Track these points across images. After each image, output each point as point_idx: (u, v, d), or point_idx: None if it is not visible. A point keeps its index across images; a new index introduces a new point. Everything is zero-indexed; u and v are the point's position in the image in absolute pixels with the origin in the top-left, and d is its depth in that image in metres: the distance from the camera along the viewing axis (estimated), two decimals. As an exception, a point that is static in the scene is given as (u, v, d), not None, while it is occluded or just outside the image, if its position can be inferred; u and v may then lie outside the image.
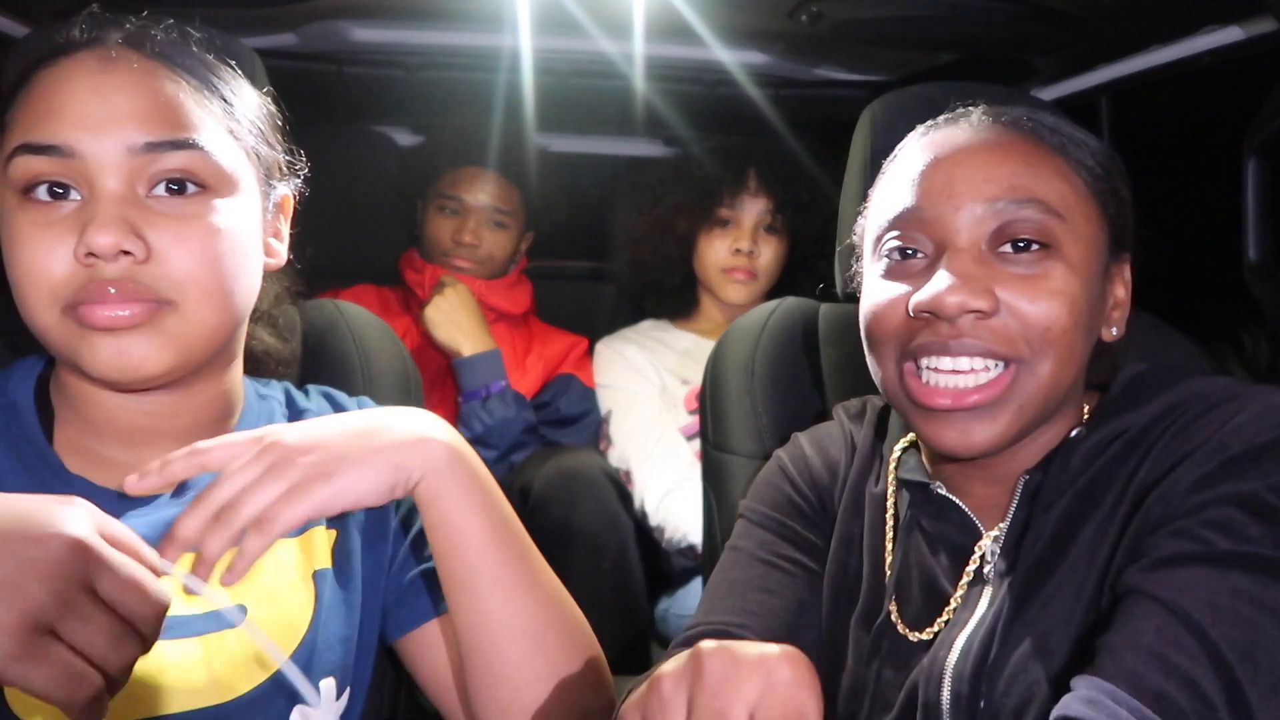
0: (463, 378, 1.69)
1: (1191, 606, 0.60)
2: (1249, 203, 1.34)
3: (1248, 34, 1.18)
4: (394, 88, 1.86)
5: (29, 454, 0.76)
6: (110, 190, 0.70)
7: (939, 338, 0.71)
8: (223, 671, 0.74)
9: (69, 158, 0.69)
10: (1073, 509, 0.72)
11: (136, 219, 0.70)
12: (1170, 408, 0.71)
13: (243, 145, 0.77)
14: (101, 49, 0.73)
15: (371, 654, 0.84)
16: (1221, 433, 0.66)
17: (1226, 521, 0.63)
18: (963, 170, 0.73)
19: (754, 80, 1.78)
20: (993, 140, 0.74)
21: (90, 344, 0.70)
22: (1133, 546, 0.67)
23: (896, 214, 0.75)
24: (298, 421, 0.76)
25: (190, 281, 0.72)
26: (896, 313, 0.74)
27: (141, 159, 0.70)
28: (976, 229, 0.71)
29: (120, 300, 0.69)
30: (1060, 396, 0.73)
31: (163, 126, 0.71)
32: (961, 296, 0.69)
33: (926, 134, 0.79)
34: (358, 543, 0.85)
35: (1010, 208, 0.71)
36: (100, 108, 0.70)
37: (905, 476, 0.82)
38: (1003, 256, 0.71)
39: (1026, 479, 0.75)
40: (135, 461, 0.78)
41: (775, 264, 1.80)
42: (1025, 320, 0.70)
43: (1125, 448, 0.72)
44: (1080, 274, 0.71)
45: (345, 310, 1.12)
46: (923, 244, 0.74)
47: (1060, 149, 0.74)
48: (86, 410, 0.77)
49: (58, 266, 0.69)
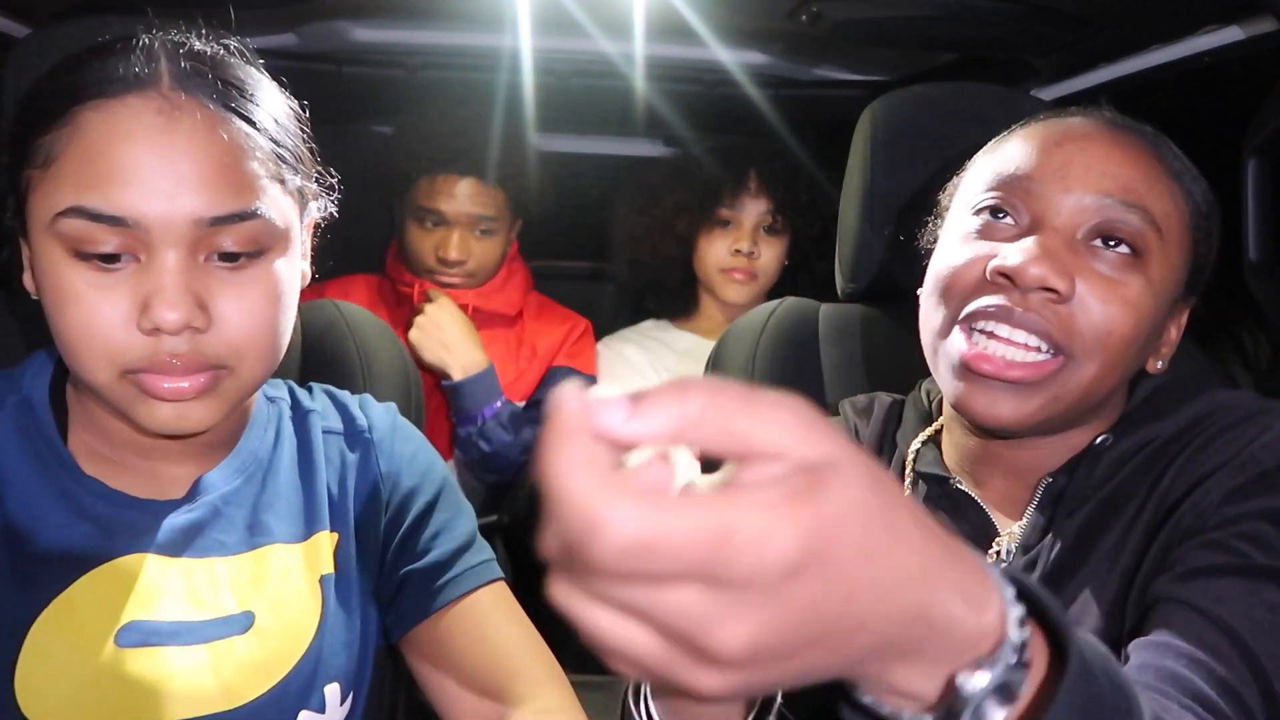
0: (456, 401, 1.60)
1: (1230, 617, 0.60)
2: (1249, 203, 1.34)
3: (1248, 34, 1.18)
4: (394, 88, 1.86)
5: (46, 454, 0.76)
6: (173, 261, 0.67)
7: (1007, 304, 0.70)
8: (231, 678, 0.74)
9: (132, 229, 0.66)
10: (1096, 516, 0.72)
11: (199, 289, 0.68)
12: (1197, 419, 0.72)
13: (289, 189, 0.75)
14: (157, 96, 0.68)
15: (371, 657, 0.84)
16: (1253, 447, 0.67)
17: (1260, 536, 0.63)
18: (1083, 156, 0.72)
19: (754, 80, 1.78)
20: (1120, 138, 0.73)
21: (150, 408, 0.70)
22: (1160, 556, 0.67)
23: (1004, 176, 0.74)
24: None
25: (248, 347, 0.71)
26: (973, 272, 0.73)
27: (205, 231, 0.68)
28: (1078, 216, 0.71)
29: (184, 372, 0.69)
30: (1096, 401, 0.73)
31: (227, 198, 0.68)
32: (1044, 269, 0.69)
33: (1048, 121, 0.77)
34: (355, 545, 0.85)
35: (1117, 207, 0.70)
36: (164, 175, 0.66)
37: (924, 470, 0.82)
38: (1093, 250, 0.71)
39: (1049, 481, 0.75)
40: (150, 468, 0.79)
41: (775, 264, 1.80)
42: (1092, 317, 0.70)
43: (1151, 457, 0.72)
44: (1157, 294, 0.71)
45: (345, 310, 1.12)
46: (1019, 212, 0.73)
47: (1177, 174, 0.74)
48: (102, 422, 0.77)
49: (118, 333, 0.68)
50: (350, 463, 0.87)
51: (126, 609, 0.72)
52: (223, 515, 0.79)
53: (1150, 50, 1.34)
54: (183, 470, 0.80)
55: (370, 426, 0.89)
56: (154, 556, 0.75)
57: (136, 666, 0.71)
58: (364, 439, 0.88)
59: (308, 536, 0.82)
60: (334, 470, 0.86)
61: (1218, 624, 0.60)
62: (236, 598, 0.77)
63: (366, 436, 0.88)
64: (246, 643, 0.76)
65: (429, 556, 0.85)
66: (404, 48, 1.73)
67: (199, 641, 0.74)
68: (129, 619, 0.72)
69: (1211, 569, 0.62)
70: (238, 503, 0.80)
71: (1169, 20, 1.24)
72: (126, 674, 0.71)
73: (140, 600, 0.73)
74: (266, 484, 0.82)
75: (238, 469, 0.81)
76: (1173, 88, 1.45)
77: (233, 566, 0.78)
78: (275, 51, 1.70)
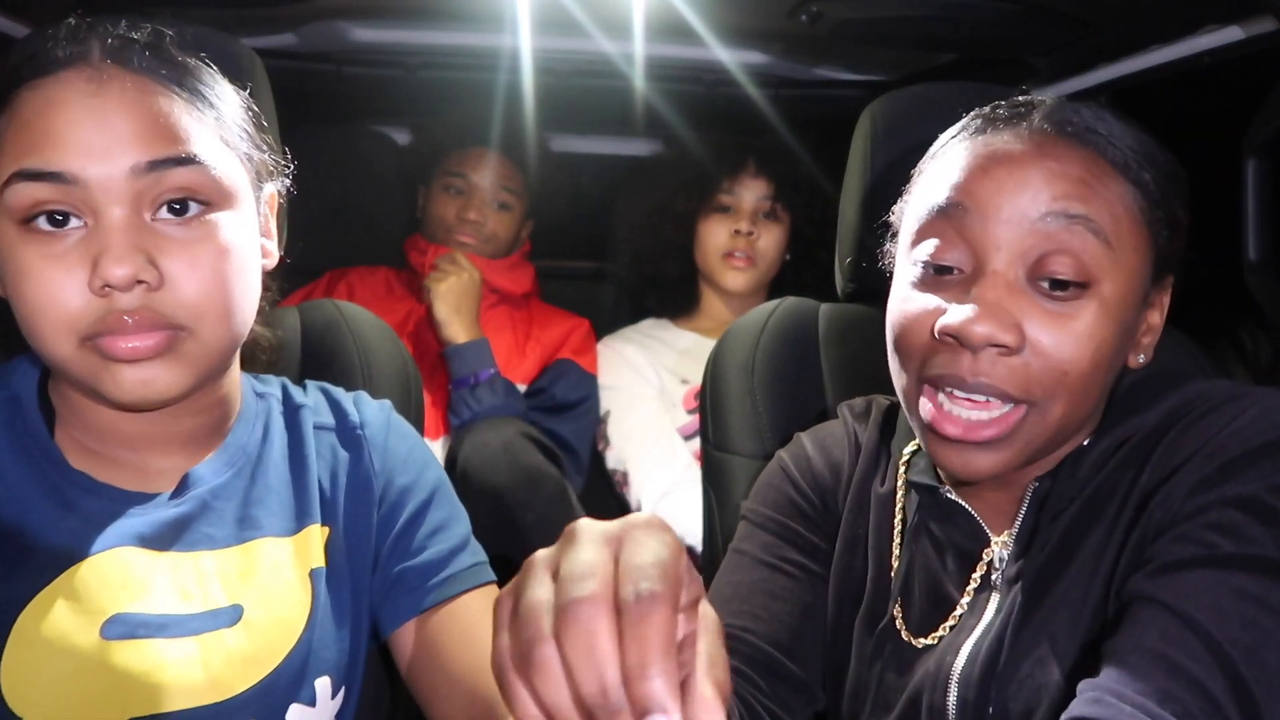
0: (452, 365, 1.70)
1: (1196, 610, 0.60)
2: (1249, 203, 1.34)
3: (1248, 34, 1.18)
4: (394, 88, 1.86)
5: (33, 449, 0.76)
6: (118, 218, 0.69)
7: (959, 368, 0.69)
8: (219, 670, 0.74)
9: (71, 185, 0.68)
10: (1079, 516, 0.72)
11: (148, 245, 0.69)
12: (1173, 412, 0.71)
13: (235, 152, 0.76)
14: (87, 67, 0.71)
15: (363, 652, 0.84)
16: (1220, 436, 0.66)
17: (1228, 524, 0.63)
18: (1013, 180, 0.69)
19: (754, 80, 1.78)
20: (1050, 148, 0.70)
21: (113, 374, 0.70)
22: (1136, 553, 0.67)
23: (938, 208, 0.72)
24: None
25: (205, 306, 0.72)
26: (922, 329, 0.72)
27: (144, 180, 0.69)
28: (1017, 246, 0.69)
29: (139, 330, 0.69)
30: (1075, 428, 0.73)
31: (162, 144, 0.70)
32: (989, 328, 0.67)
33: (983, 131, 0.74)
34: (346, 540, 0.85)
35: (1057, 225, 0.68)
36: (98, 131, 0.68)
37: (915, 479, 0.81)
38: (1037, 288, 0.69)
39: (1036, 486, 0.75)
40: (138, 461, 0.79)
41: (774, 251, 1.80)
42: (1045, 360, 0.68)
43: (1131, 453, 0.72)
44: (1113, 314, 0.69)
45: (345, 310, 1.12)
46: (960, 259, 0.71)
47: (1123, 166, 0.70)
48: (87, 415, 0.78)
49: (72, 299, 0.68)
50: (342, 458, 0.87)
51: (113, 602, 0.73)
52: (212, 509, 0.79)
53: (1150, 50, 1.34)
54: (170, 463, 0.80)
55: (363, 423, 0.89)
56: (141, 550, 0.75)
57: (123, 659, 0.71)
58: (356, 435, 0.88)
59: (298, 530, 0.82)
60: (325, 465, 0.86)
61: (1182, 617, 0.60)
62: (225, 591, 0.77)
63: (359, 433, 0.88)
64: (235, 635, 0.76)
65: (423, 555, 0.85)
66: (404, 48, 1.73)
67: (187, 634, 0.74)
68: (115, 611, 0.72)
69: (1180, 562, 0.63)
70: (227, 496, 0.80)
71: (1169, 20, 1.24)
72: (113, 666, 0.71)
73: (127, 593, 0.73)
74: (256, 477, 0.82)
75: (227, 462, 0.82)
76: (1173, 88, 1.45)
77: (221, 560, 0.78)
78: (275, 51, 1.70)
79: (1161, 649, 0.59)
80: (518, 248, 1.93)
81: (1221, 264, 1.41)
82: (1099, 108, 0.73)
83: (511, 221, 1.88)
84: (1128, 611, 0.64)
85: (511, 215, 1.87)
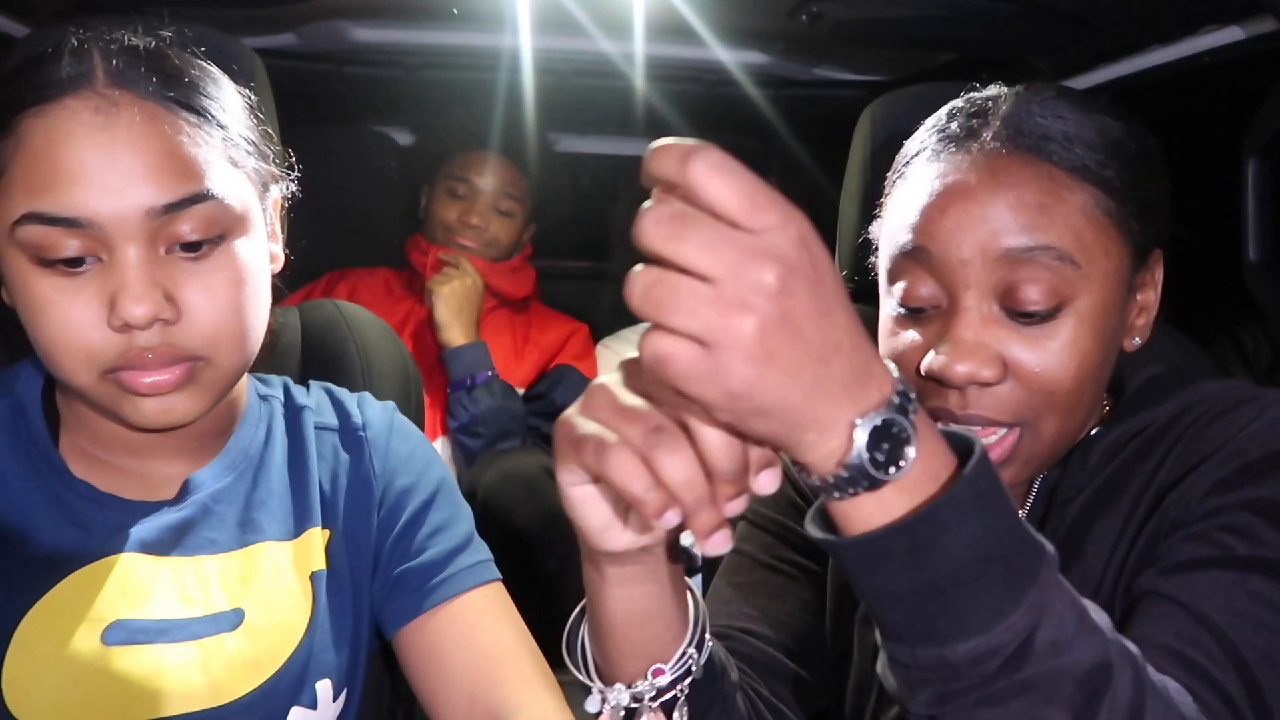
0: (450, 367, 1.71)
1: (1211, 609, 0.60)
2: (1249, 203, 1.34)
3: (1248, 34, 1.18)
4: (394, 87, 1.86)
5: (35, 457, 0.76)
6: (134, 256, 0.68)
7: (948, 404, 0.70)
8: (220, 675, 0.74)
9: (86, 228, 0.67)
10: (1089, 506, 0.72)
11: (164, 280, 0.69)
12: (1186, 407, 0.71)
13: (244, 170, 0.75)
14: (93, 94, 0.69)
15: (364, 654, 0.84)
16: (1238, 438, 0.66)
17: (1243, 526, 0.63)
18: (967, 217, 0.68)
19: (754, 80, 1.78)
20: (1001, 173, 0.69)
21: (134, 404, 0.71)
22: (1148, 549, 0.67)
23: (907, 249, 0.72)
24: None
25: (222, 335, 0.72)
26: (910, 365, 0.72)
27: (159, 221, 0.69)
28: (985, 281, 0.68)
29: (159, 365, 0.69)
30: (1072, 435, 0.73)
31: (175, 182, 0.69)
32: (968, 367, 0.67)
33: (939, 154, 0.73)
34: (347, 542, 0.85)
35: (1021, 258, 0.67)
36: (111, 171, 0.67)
37: None
38: (1012, 316, 0.69)
39: (1044, 475, 0.75)
40: (142, 468, 0.79)
41: None
42: (1031, 383, 0.68)
43: (1144, 446, 0.72)
44: (1093, 324, 0.69)
45: (345, 310, 1.12)
46: (932, 296, 0.71)
47: (1082, 171, 0.69)
48: (93, 424, 0.78)
49: (91, 335, 0.68)
50: (343, 460, 0.87)
51: (113, 608, 0.73)
52: (213, 513, 0.79)
53: (1150, 50, 1.34)
54: (174, 469, 0.80)
55: (365, 424, 0.89)
56: (142, 556, 0.75)
57: (124, 664, 0.72)
58: (358, 436, 0.88)
59: (299, 533, 0.82)
60: (326, 467, 0.86)
61: (1199, 617, 0.60)
62: (226, 595, 0.77)
63: (361, 434, 0.88)
64: (236, 639, 0.76)
65: (424, 556, 0.84)
66: (404, 48, 1.73)
67: (188, 639, 0.74)
68: (115, 617, 0.73)
69: (1193, 562, 0.62)
70: (228, 500, 0.80)
71: (1169, 20, 1.24)
72: (114, 672, 0.71)
73: (127, 599, 0.73)
74: (258, 481, 0.82)
75: (228, 466, 0.81)
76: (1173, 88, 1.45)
77: (222, 564, 0.78)
78: (275, 51, 1.70)
79: (1176, 645, 0.59)
80: (519, 251, 1.93)
81: (1221, 264, 1.41)
82: (1055, 101, 0.71)
83: (513, 226, 1.88)
84: (1139, 607, 0.63)
85: (513, 221, 1.88)
